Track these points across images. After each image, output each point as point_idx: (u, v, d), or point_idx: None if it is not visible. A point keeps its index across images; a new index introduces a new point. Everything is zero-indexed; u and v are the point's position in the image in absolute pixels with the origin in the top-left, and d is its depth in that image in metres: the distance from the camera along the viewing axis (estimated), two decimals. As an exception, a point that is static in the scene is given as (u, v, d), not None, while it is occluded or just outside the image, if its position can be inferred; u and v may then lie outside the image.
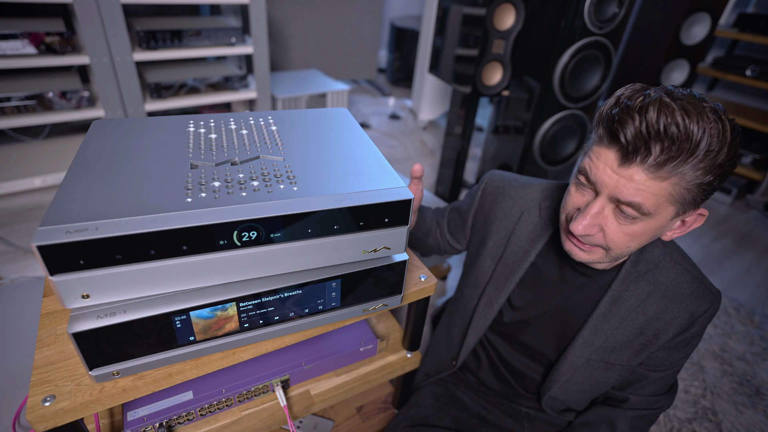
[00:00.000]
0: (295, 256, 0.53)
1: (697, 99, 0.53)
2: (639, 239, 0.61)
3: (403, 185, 0.55)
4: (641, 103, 0.53)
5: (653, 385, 0.78)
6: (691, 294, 0.71)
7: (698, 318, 0.71)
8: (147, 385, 0.54)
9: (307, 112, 0.75)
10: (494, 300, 0.83)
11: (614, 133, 0.55)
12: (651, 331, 0.73)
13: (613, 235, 0.61)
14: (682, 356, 0.75)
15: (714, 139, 0.51)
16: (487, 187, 0.87)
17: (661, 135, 0.51)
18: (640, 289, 0.72)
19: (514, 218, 0.82)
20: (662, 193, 0.55)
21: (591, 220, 0.60)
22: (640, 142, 0.52)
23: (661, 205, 0.56)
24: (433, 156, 2.74)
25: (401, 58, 3.72)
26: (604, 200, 0.59)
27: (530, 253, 0.79)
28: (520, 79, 1.89)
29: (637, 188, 0.55)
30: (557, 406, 0.84)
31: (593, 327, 0.74)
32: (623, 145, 0.54)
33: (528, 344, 0.84)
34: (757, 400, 1.39)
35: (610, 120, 0.56)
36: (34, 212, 1.82)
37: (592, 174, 0.59)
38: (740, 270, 2.02)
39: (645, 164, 0.53)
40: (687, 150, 0.51)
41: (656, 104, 0.52)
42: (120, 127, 0.63)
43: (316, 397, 0.79)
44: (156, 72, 2.06)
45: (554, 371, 0.79)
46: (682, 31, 2.52)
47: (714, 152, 0.52)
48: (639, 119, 0.52)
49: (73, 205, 0.45)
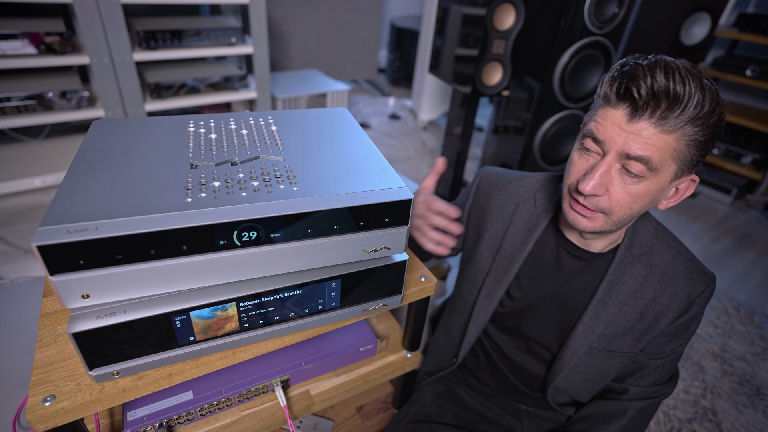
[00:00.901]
0: (295, 256, 0.53)
1: (695, 66, 0.58)
2: (641, 201, 0.63)
3: (404, 185, 0.55)
4: (649, 64, 0.58)
5: (653, 374, 0.79)
6: (686, 276, 0.73)
7: (695, 299, 0.73)
8: (147, 385, 0.54)
9: (307, 112, 0.75)
10: (494, 292, 0.84)
11: (627, 89, 0.58)
12: (651, 315, 0.74)
13: (618, 195, 0.63)
14: (681, 342, 0.76)
15: (709, 100, 0.57)
16: (482, 182, 0.89)
17: (669, 92, 0.56)
18: (636, 273, 0.73)
19: (510, 210, 0.84)
20: (668, 148, 0.59)
21: (600, 179, 0.62)
22: (650, 97, 0.57)
23: (665, 162, 0.60)
24: (433, 156, 2.74)
25: (401, 58, 3.72)
26: (611, 159, 0.61)
27: (528, 242, 0.80)
28: (520, 79, 1.89)
29: (646, 142, 0.58)
30: (561, 398, 0.85)
31: (593, 313, 0.75)
32: (635, 99, 0.58)
33: (529, 336, 0.84)
34: (757, 400, 1.39)
35: (619, 78, 0.60)
36: (34, 212, 1.82)
37: (600, 133, 0.62)
38: (740, 270, 2.02)
39: (653, 118, 0.57)
40: (689, 107, 0.56)
41: (662, 65, 0.57)
42: (120, 127, 0.63)
43: (316, 397, 0.79)
44: (156, 72, 2.06)
45: (557, 361, 0.80)
46: (682, 31, 2.52)
47: (709, 112, 0.57)
48: (650, 76, 0.57)
49: (73, 205, 0.45)
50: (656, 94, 0.56)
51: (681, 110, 0.56)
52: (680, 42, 2.55)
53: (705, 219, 2.40)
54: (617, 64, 0.62)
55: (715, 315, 1.73)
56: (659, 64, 0.57)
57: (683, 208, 2.49)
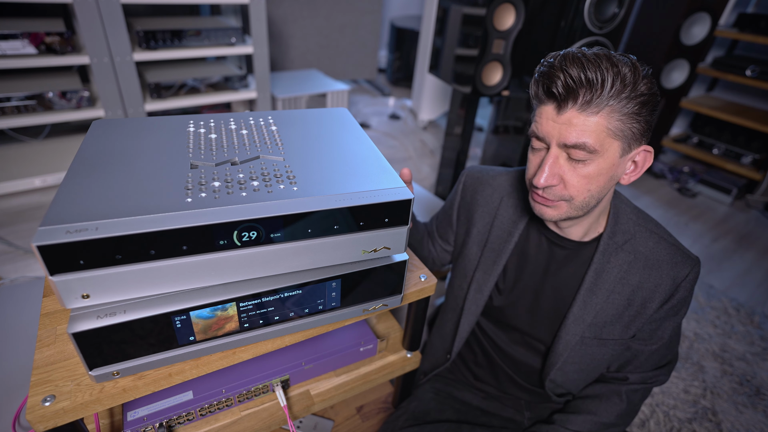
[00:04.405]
0: (295, 256, 0.53)
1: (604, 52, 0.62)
2: (597, 181, 0.66)
3: (403, 185, 0.55)
4: (560, 61, 0.63)
5: (650, 360, 0.81)
6: (670, 260, 0.74)
7: (681, 283, 0.74)
8: (147, 385, 0.54)
9: (307, 112, 0.75)
10: (483, 285, 0.85)
11: (548, 89, 0.63)
12: (638, 301, 0.76)
13: (572, 180, 0.66)
14: (673, 325, 0.78)
15: (627, 73, 0.60)
16: (467, 179, 0.91)
17: (582, 80, 0.60)
18: (620, 260, 0.75)
19: (495, 204, 0.86)
20: (600, 129, 0.62)
21: (550, 170, 0.66)
22: (569, 90, 0.61)
23: (605, 141, 0.63)
24: (433, 156, 2.74)
25: (401, 58, 3.72)
26: (555, 150, 0.65)
27: (513, 235, 0.83)
28: (520, 79, 1.89)
29: (578, 129, 0.62)
30: (558, 390, 0.86)
31: (582, 303, 0.77)
32: (557, 95, 0.62)
33: (522, 329, 0.85)
34: (757, 400, 1.39)
35: (540, 80, 0.65)
36: (34, 212, 1.82)
37: (539, 131, 0.66)
38: (740, 270, 2.02)
39: (576, 105, 0.62)
40: (606, 85, 0.60)
41: (570, 58, 0.62)
42: (120, 127, 0.63)
43: (316, 397, 0.79)
44: (156, 72, 2.06)
45: (551, 353, 0.81)
46: (682, 31, 2.52)
47: (630, 84, 0.60)
48: (562, 73, 0.61)
49: (73, 205, 0.45)
50: (573, 86, 0.61)
51: (599, 92, 0.60)
52: (680, 42, 2.55)
53: (705, 219, 2.40)
54: (538, 65, 0.67)
55: (715, 315, 1.73)
56: (567, 57, 0.62)
57: (683, 208, 2.49)
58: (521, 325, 0.85)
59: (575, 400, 0.87)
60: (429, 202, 2.01)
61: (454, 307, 0.92)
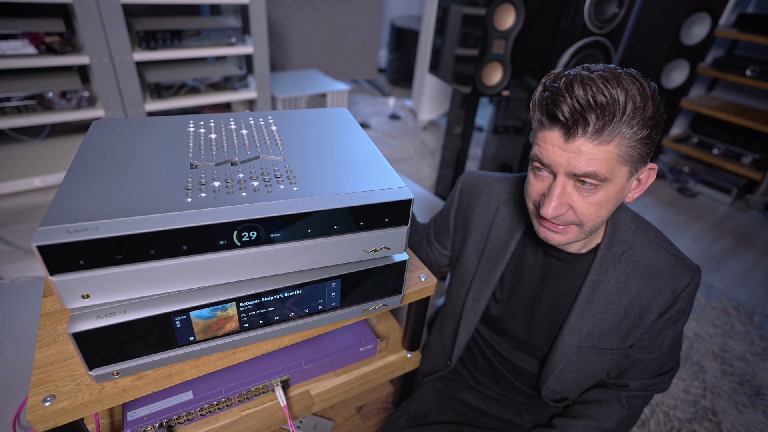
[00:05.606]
0: (295, 256, 0.53)
1: (611, 68, 0.59)
2: (606, 206, 0.64)
3: (404, 185, 0.55)
4: (566, 83, 0.59)
5: (650, 368, 0.80)
6: (669, 271, 0.73)
7: (680, 294, 0.72)
8: (147, 385, 0.54)
9: (307, 112, 0.75)
10: (480, 294, 0.85)
11: (553, 114, 0.59)
12: (635, 312, 0.74)
13: (582, 208, 0.64)
14: (672, 334, 0.76)
15: (637, 97, 0.56)
16: (464, 186, 0.90)
17: (592, 105, 0.56)
18: (618, 271, 0.74)
19: (491, 212, 0.85)
20: (611, 157, 0.59)
21: (558, 201, 0.63)
22: (577, 116, 0.57)
23: (614, 168, 0.60)
24: (433, 156, 2.74)
25: (401, 58, 3.72)
26: (563, 179, 0.62)
27: (510, 244, 0.81)
28: (520, 79, 1.89)
29: (588, 158, 0.59)
30: (555, 396, 0.86)
31: (578, 313, 0.76)
32: (563, 122, 0.58)
33: (520, 337, 0.85)
34: (757, 400, 1.39)
35: (544, 104, 0.60)
36: (34, 212, 1.82)
37: (544, 158, 0.63)
38: (740, 270, 2.02)
39: (587, 134, 0.58)
40: (618, 111, 0.56)
41: (578, 80, 0.58)
42: (120, 127, 0.63)
43: (316, 397, 0.79)
44: (156, 72, 2.06)
45: (548, 362, 0.81)
46: (682, 31, 2.52)
47: (641, 108, 0.57)
48: (569, 97, 0.57)
49: (73, 205, 0.45)
50: (582, 111, 0.57)
51: (612, 117, 0.56)
52: (680, 42, 2.55)
53: (705, 219, 2.40)
54: (540, 85, 0.63)
55: (715, 315, 1.73)
56: (576, 80, 0.58)
57: (683, 208, 2.49)
58: (519, 334, 0.85)
59: (575, 405, 0.86)
60: (429, 202, 2.01)
61: (452, 314, 0.92)
